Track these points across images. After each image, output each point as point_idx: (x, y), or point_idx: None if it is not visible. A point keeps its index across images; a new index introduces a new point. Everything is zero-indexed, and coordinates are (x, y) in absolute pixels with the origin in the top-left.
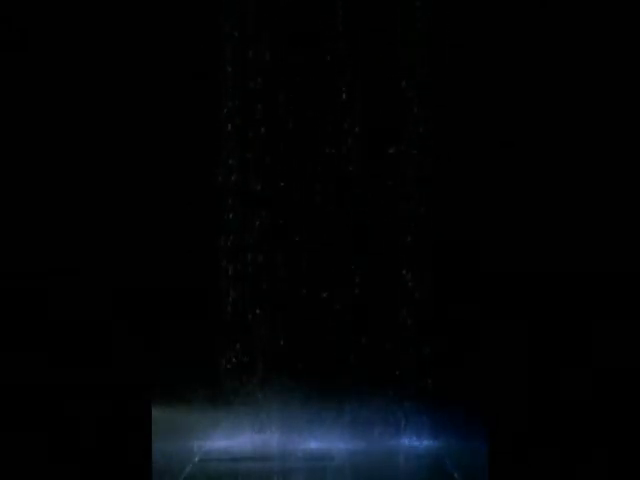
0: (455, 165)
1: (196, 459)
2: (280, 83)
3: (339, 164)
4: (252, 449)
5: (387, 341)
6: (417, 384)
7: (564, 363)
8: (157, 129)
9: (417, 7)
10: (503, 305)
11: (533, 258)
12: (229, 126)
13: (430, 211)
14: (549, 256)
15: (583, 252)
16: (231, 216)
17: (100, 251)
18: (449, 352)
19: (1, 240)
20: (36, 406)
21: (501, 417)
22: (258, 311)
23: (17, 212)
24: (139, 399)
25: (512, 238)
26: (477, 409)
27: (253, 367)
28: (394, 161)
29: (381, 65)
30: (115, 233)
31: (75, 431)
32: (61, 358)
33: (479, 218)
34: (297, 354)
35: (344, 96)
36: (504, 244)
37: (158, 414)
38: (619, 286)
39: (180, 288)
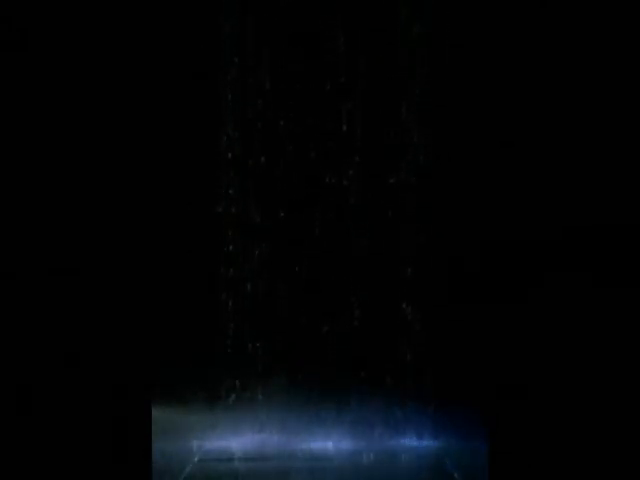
0: (456, 196)
1: (196, 459)
2: (280, 112)
3: (339, 195)
4: (252, 449)
5: (387, 374)
6: (417, 384)
7: (564, 363)
8: (156, 158)
9: (416, 33)
10: (503, 306)
11: (531, 276)
12: (229, 155)
13: (430, 243)
14: (544, 270)
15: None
16: (231, 247)
17: (102, 260)
18: (450, 353)
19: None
20: (35, 406)
21: (501, 417)
22: (258, 344)
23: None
24: (139, 399)
25: (511, 266)
26: (477, 409)
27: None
28: (395, 191)
29: (382, 93)
30: (118, 251)
31: (75, 431)
32: (61, 358)
33: (479, 251)
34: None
35: (344, 127)
36: (504, 273)
37: (158, 414)
38: (615, 291)
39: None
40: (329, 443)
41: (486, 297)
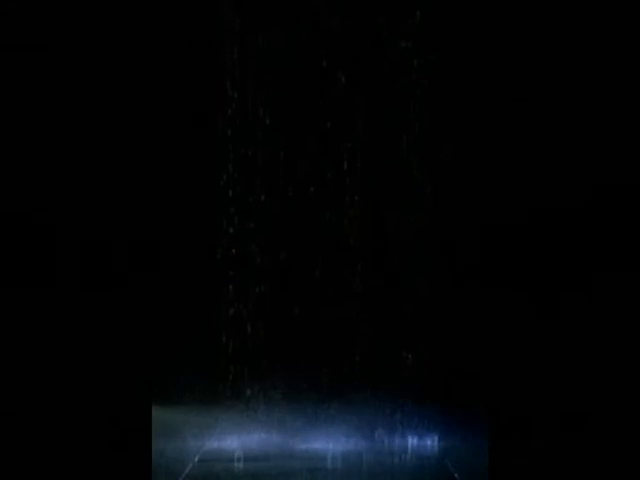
0: (455, 243)
1: (196, 459)
2: (280, 150)
3: (339, 235)
4: (252, 449)
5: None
6: (418, 384)
7: (565, 363)
8: (157, 200)
9: (416, 66)
10: (504, 305)
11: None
12: (230, 193)
13: (430, 289)
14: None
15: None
16: (231, 288)
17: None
18: (450, 354)
19: None
20: (36, 406)
21: (502, 417)
22: (257, 388)
23: None
24: (139, 399)
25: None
26: (477, 409)
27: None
28: (394, 232)
29: (382, 131)
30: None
31: (75, 431)
32: (62, 358)
33: (478, 295)
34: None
35: (345, 165)
36: (504, 274)
37: (158, 414)
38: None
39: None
40: (329, 443)
41: (486, 297)
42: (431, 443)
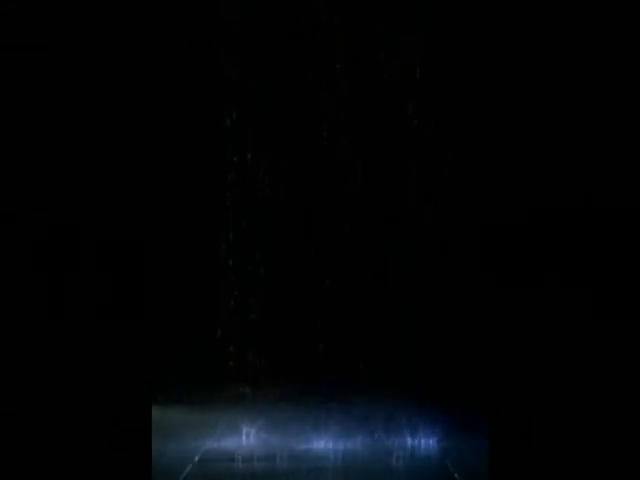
0: (454, 244)
1: (196, 459)
2: (279, 218)
3: (339, 301)
4: (252, 449)
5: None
6: (418, 384)
7: (565, 363)
8: (159, 265)
9: (416, 80)
10: (504, 305)
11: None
12: (230, 262)
13: (429, 291)
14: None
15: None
16: (231, 364)
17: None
18: (449, 354)
19: None
20: (35, 406)
21: (502, 417)
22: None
23: None
24: (139, 399)
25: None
26: (478, 409)
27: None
28: (396, 291)
29: (382, 200)
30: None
31: (75, 431)
32: (62, 358)
33: (477, 296)
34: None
35: (347, 228)
36: (499, 273)
37: (158, 414)
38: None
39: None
40: (329, 443)
41: (485, 298)
42: (431, 443)
